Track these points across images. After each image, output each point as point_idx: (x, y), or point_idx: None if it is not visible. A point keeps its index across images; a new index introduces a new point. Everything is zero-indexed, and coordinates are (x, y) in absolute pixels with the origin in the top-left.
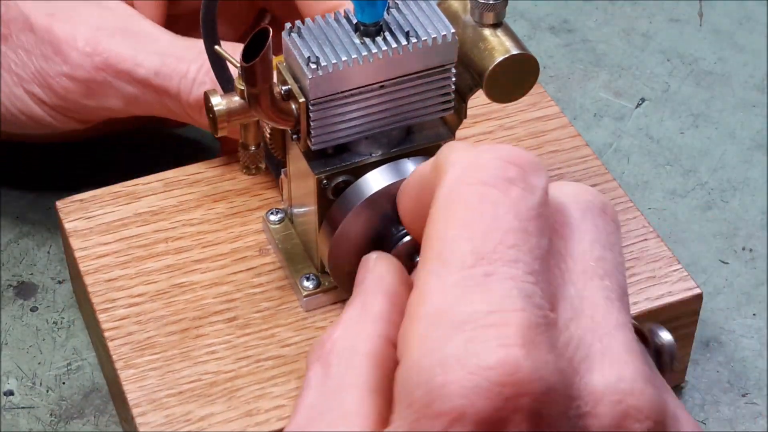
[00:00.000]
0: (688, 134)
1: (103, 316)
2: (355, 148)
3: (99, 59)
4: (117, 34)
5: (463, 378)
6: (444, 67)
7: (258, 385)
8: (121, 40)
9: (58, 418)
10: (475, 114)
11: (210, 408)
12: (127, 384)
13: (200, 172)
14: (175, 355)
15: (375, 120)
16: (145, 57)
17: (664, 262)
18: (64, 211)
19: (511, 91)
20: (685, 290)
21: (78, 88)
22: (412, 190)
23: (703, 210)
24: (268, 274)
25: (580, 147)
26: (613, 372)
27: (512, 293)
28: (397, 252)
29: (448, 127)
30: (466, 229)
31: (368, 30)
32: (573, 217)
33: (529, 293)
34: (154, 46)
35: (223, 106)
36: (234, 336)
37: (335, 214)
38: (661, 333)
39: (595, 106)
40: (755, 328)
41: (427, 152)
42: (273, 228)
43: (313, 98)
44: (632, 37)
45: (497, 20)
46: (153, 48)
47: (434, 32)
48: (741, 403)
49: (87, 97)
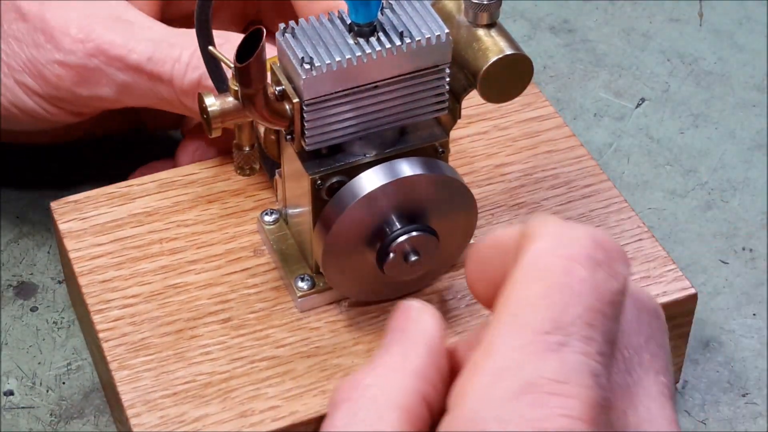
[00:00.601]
0: (688, 134)
1: (98, 317)
2: (349, 148)
3: (91, 45)
4: (110, 21)
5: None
6: (438, 67)
7: (253, 386)
8: (113, 27)
9: (58, 418)
10: (469, 114)
11: (205, 409)
12: (122, 385)
13: (195, 173)
14: (170, 356)
15: (369, 120)
16: (137, 43)
17: (659, 262)
18: (58, 212)
19: (505, 91)
20: (680, 290)
21: (70, 76)
22: (488, 251)
23: (703, 210)
24: (262, 275)
25: (575, 147)
26: None
27: (583, 368)
28: (391, 253)
29: (442, 128)
30: (548, 297)
31: (362, 30)
32: (630, 312)
33: (598, 373)
34: (147, 33)
35: (216, 106)
36: (229, 337)
37: (329, 214)
38: None
39: (595, 106)
40: (755, 328)
41: (421, 152)
42: (267, 229)
43: (307, 99)
44: (632, 37)
45: (491, 20)
46: (146, 35)
47: (428, 32)
48: (741, 403)
49: (79, 85)
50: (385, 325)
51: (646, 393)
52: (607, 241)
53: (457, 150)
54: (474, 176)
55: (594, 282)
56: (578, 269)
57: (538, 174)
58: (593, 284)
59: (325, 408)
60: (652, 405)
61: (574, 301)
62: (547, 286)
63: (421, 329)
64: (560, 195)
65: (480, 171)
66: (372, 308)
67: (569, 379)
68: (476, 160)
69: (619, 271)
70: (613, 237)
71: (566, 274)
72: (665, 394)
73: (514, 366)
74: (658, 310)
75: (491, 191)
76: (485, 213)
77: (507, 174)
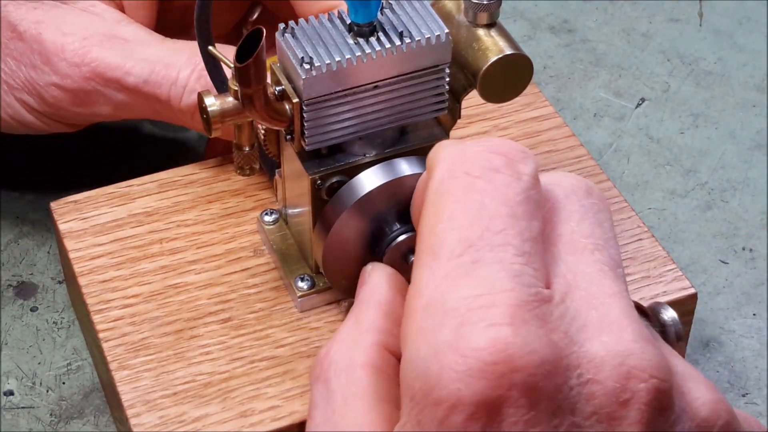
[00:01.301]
0: (688, 134)
1: (98, 317)
2: (349, 148)
3: (87, 69)
4: (105, 42)
5: (456, 362)
6: (438, 67)
7: (252, 386)
8: (109, 48)
9: (58, 418)
10: (469, 114)
11: (204, 409)
12: (122, 385)
13: (195, 173)
14: (170, 356)
15: (369, 120)
16: (134, 64)
17: (659, 261)
18: (58, 212)
19: (505, 91)
20: (679, 290)
21: (68, 97)
22: (416, 193)
23: (703, 210)
24: (262, 275)
25: (575, 147)
26: (612, 337)
27: (500, 275)
28: (392, 252)
29: (442, 128)
30: (454, 220)
31: (362, 30)
32: (559, 200)
33: (518, 273)
34: (144, 53)
35: (216, 106)
36: (228, 337)
37: (329, 214)
38: (663, 310)
39: (595, 106)
40: (755, 328)
41: (421, 152)
42: (267, 229)
43: (307, 99)
44: (632, 37)
45: (491, 20)
46: (142, 54)
47: (428, 32)
48: (741, 403)
49: (77, 105)
50: None
51: (582, 275)
52: (501, 145)
53: None
54: None
55: (494, 189)
56: (476, 182)
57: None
58: (494, 192)
59: None
60: (590, 284)
61: (478, 215)
62: (451, 210)
63: (369, 289)
64: None
65: None
66: None
67: (488, 290)
68: None
69: (522, 171)
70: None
71: (466, 191)
72: (603, 270)
73: (438, 298)
74: (590, 189)
75: None
76: None
77: None
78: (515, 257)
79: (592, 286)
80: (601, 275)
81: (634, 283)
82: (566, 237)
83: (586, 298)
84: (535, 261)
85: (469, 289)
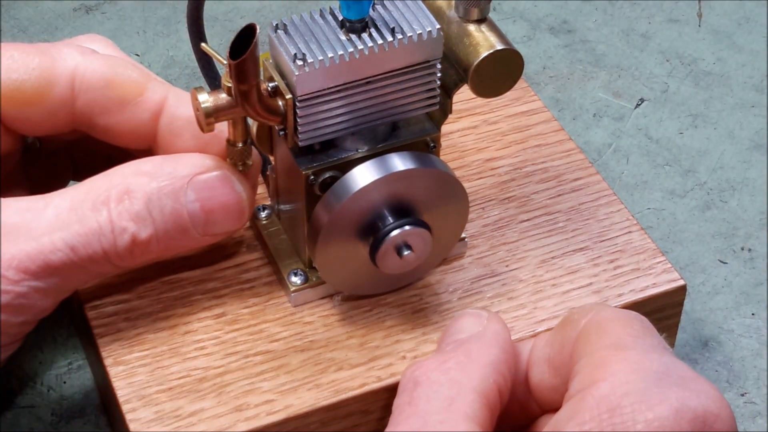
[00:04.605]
0: (687, 134)
1: (92, 313)
2: (341, 143)
3: (11, 273)
4: (10, 236)
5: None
6: (429, 62)
7: (247, 381)
8: (14, 239)
9: (59, 417)
10: (459, 109)
11: (200, 403)
12: (117, 380)
13: None
14: (165, 351)
15: (361, 116)
16: (47, 240)
17: (648, 254)
18: None
19: (496, 86)
20: (669, 282)
21: (17, 303)
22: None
23: (702, 210)
24: (255, 270)
25: (563, 141)
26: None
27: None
28: (384, 247)
29: (433, 123)
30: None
31: (354, 26)
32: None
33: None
34: (46, 224)
35: (210, 103)
36: (223, 332)
37: (322, 209)
38: None
39: (595, 107)
40: (754, 328)
41: (412, 147)
42: (260, 224)
43: (299, 95)
44: (631, 38)
45: (482, 16)
46: (46, 226)
47: (419, 28)
48: (740, 402)
49: (40, 299)
50: (378, 319)
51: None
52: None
53: (447, 144)
54: (465, 170)
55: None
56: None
57: (528, 168)
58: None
59: (318, 401)
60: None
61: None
62: None
63: (494, 330)
64: (550, 188)
65: (471, 165)
66: (365, 302)
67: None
68: (467, 154)
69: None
70: (602, 230)
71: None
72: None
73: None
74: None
75: (482, 185)
76: (476, 207)
77: (497, 168)
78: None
79: None
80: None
81: (624, 276)
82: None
83: None
84: None
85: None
